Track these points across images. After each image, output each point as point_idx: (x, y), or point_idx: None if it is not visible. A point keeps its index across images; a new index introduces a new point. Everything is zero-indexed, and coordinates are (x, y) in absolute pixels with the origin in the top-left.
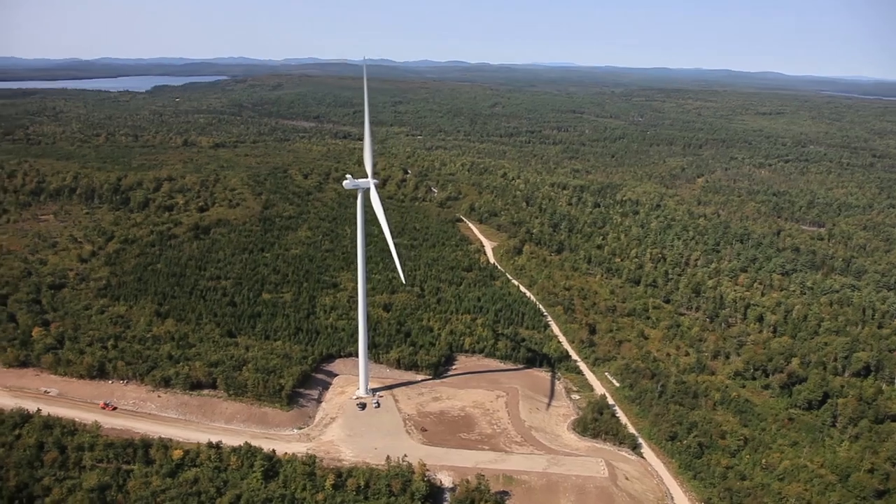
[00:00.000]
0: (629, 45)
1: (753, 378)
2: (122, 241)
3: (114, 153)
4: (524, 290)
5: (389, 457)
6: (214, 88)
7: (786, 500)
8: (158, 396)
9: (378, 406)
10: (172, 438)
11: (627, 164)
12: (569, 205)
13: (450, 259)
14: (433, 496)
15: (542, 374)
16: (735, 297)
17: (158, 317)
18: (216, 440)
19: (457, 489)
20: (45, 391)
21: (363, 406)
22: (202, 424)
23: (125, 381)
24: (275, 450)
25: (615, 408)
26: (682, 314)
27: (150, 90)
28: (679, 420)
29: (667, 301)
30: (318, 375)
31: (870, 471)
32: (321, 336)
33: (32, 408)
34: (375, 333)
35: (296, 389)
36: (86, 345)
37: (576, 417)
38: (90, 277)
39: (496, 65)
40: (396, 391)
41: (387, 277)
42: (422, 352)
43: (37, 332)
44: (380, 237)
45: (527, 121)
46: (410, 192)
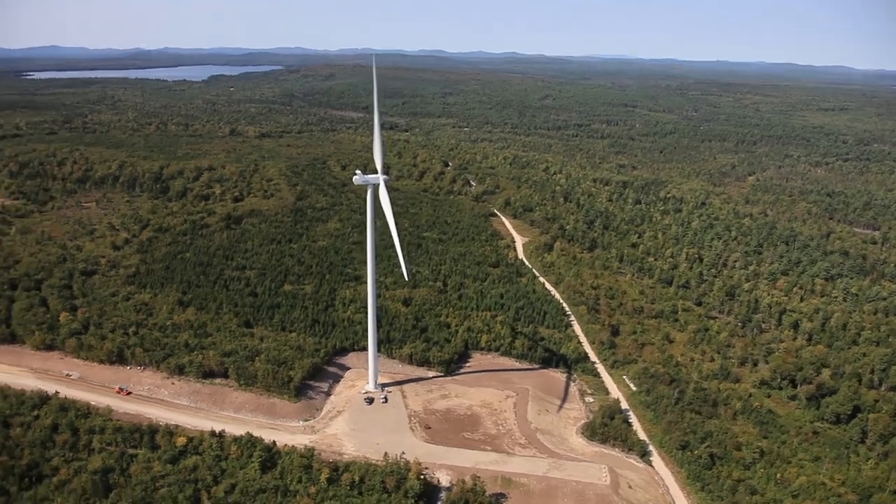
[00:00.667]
0: (689, 38)
1: (780, 388)
2: (156, 230)
3: (162, 142)
4: (550, 288)
5: (387, 453)
6: (268, 78)
7: None
8: (172, 383)
9: (385, 401)
10: (180, 425)
11: (676, 161)
12: (609, 201)
13: (477, 254)
14: (428, 495)
15: (558, 375)
16: (770, 302)
17: (181, 305)
18: (223, 429)
19: (453, 489)
20: (68, 374)
21: (370, 401)
22: (211, 413)
23: (142, 368)
24: (275, 441)
25: (629, 413)
26: (713, 318)
27: (207, 79)
28: (693, 429)
29: (698, 303)
30: (330, 368)
31: (895, 492)
32: (337, 329)
33: (53, 390)
34: (391, 328)
35: (305, 382)
36: (108, 331)
37: (586, 421)
38: (121, 265)
39: (551, 56)
40: (406, 387)
41: (410, 271)
42: (435, 348)
43: (64, 317)
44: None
45: (576, 114)
46: (447, 186)
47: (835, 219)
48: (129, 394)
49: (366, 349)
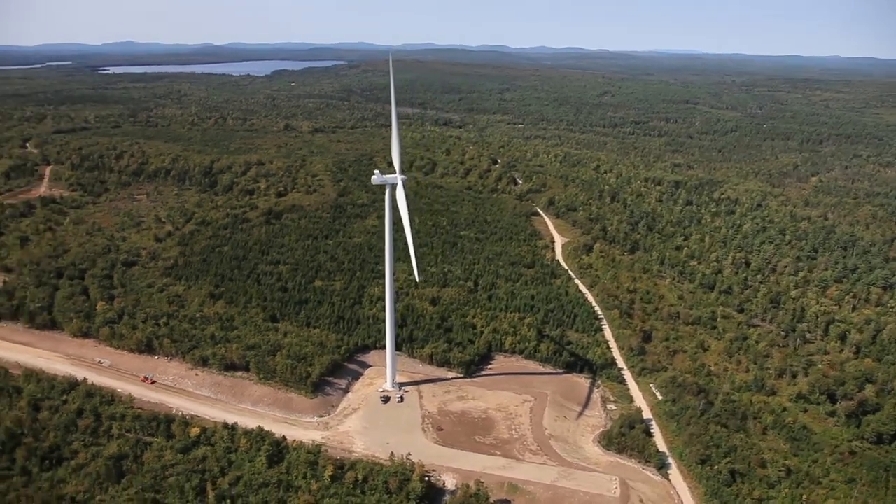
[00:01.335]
0: (760, 32)
1: (818, 403)
2: (199, 223)
3: (218, 136)
4: (584, 291)
5: (393, 453)
6: (329, 73)
7: None
8: (195, 375)
9: (401, 401)
10: (199, 416)
11: (734, 160)
12: (658, 201)
13: (513, 254)
14: (431, 497)
15: (581, 381)
16: (818, 311)
17: (212, 298)
18: (239, 421)
19: (457, 492)
20: (99, 361)
21: (386, 399)
22: (230, 405)
23: (169, 358)
24: (285, 436)
25: (651, 423)
26: (755, 326)
27: (270, 74)
28: (717, 442)
29: (740, 310)
30: (351, 365)
31: None
32: (361, 326)
33: (83, 376)
34: (416, 327)
35: (324, 378)
36: (140, 321)
37: (604, 429)
38: (160, 256)
39: (615, 52)
40: (423, 387)
41: (441, 271)
42: (456, 349)
43: (100, 307)
44: (438, 228)
45: (635, 111)
46: (491, 184)
47: None
48: (154, 383)
49: None
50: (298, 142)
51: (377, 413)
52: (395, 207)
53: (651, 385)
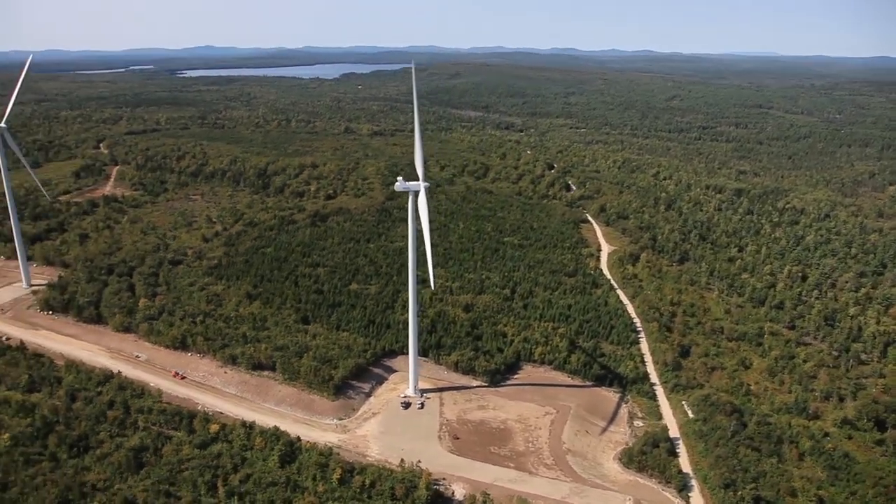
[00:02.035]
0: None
1: (865, 430)
2: (247, 224)
3: (279, 138)
4: (625, 301)
5: (403, 460)
6: (396, 77)
7: None
8: (224, 372)
9: (422, 407)
10: (223, 413)
11: (805, 167)
12: (717, 210)
13: (555, 262)
14: None
15: (610, 395)
16: (876, 331)
17: (248, 298)
18: (261, 420)
19: (464, 502)
20: (137, 356)
21: (407, 405)
22: (254, 403)
23: (201, 355)
24: (299, 436)
25: (678, 442)
26: (805, 344)
27: (338, 77)
28: (745, 466)
29: (791, 327)
30: (376, 370)
31: None
32: (391, 331)
33: (121, 369)
34: (445, 334)
35: (347, 381)
36: (178, 318)
37: (626, 446)
38: (205, 256)
39: (687, 54)
40: (446, 395)
41: (479, 277)
42: (483, 357)
43: (142, 303)
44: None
45: (703, 116)
46: (543, 190)
47: None
48: (184, 378)
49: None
50: (356, 145)
51: (396, 418)
52: (424, 212)
53: (683, 402)
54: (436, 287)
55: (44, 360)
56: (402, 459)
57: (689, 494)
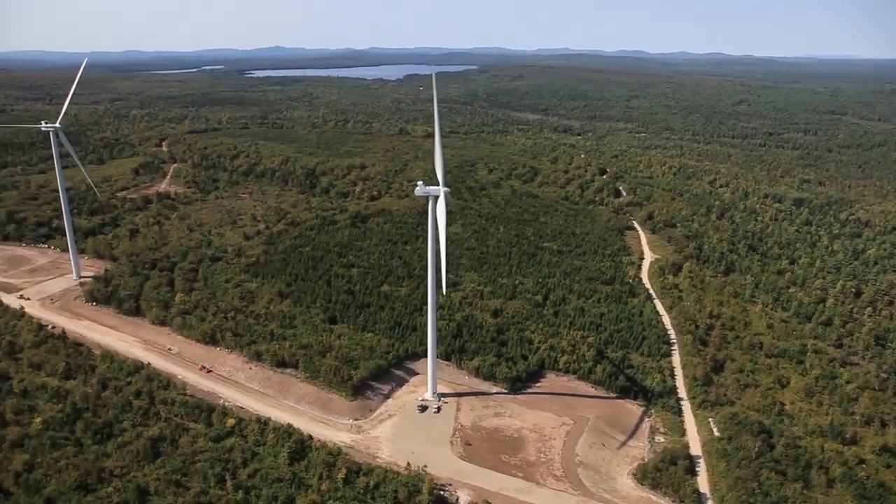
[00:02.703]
0: None
1: None
2: (289, 223)
3: (333, 139)
4: (662, 312)
5: (410, 463)
6: (458, 78)
7: None
8: (249, 368)
9: (438, 411)
10: (244, 408)
11: (876, 177)
12: (773, 220)
13: (593, 269)
14: None
15: (633, 408)
16: None
17: (280, 296)
18: (280, 416)
19: None
20: (169, 348)
21: (424, 409)
22: (275, 400)
23: (229, 350)
24: (311, 434)
25: (699, 460)
26: (851, 364)
27: (401, 78)
28: (766, 490)
29: (838, 346)
30: (398, 372)
31: None
32: (416, 334)
33: (151, 361)
34: (470, 338)
35: (367, 382)
36: (210, 314)
37: (642, 462)
38: (245, 253)
39: (760, 57)
40: (464, 400)
41: (512, 282)
42: (504, 364)
43: (179, 298)
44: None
45: (770, 121)
46: (591, 195)
47: None
48: (210, 372)
49: (438, 356)
50: (408, 146)
51: (411, 421)
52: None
53: (710, 419)
54: (447, 292)
55: (82, 349)
56: (409, 463)
57: None
